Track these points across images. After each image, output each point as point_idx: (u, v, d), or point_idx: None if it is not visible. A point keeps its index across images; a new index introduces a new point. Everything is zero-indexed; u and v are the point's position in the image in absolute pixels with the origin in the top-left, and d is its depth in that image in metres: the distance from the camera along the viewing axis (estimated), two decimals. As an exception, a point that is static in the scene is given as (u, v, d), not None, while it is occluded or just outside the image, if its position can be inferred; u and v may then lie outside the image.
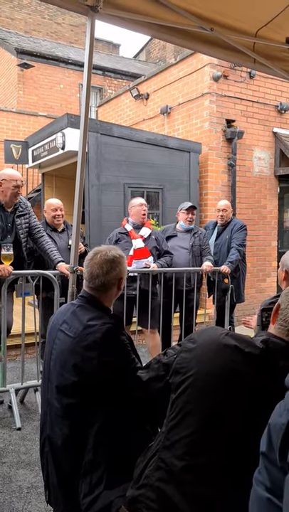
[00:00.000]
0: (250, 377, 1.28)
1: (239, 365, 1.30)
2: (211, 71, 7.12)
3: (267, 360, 1.30)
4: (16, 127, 11.11)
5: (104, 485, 1.63)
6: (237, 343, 1.34)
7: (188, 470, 1.26)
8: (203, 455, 1.26)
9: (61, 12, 17.98)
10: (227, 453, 1.24)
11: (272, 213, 8.02)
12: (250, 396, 1.26)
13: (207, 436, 1.28)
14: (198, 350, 1.40)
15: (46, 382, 1.91)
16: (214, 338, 1.40)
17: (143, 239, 4.60)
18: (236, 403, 1.26)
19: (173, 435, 1.34)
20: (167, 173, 6.87)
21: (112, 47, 19.72)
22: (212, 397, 1.31)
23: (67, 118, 6.28)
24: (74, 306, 1.94)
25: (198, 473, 1.25)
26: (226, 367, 1.32)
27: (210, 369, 1.34)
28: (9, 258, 3.71)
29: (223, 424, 1.26)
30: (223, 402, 1.28)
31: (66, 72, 13.66)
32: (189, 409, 1.33)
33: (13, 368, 4.96)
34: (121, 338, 1.80)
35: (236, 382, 1.28)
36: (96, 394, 1.72)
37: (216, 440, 1.26)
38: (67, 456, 1.76)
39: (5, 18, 17.29)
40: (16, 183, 3.82)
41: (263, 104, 7.74)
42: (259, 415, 1.22)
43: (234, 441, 1.24)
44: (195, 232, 5.07)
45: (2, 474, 2.92)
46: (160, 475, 1.32)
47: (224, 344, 1.36)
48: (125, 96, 9.52)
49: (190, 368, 1.38)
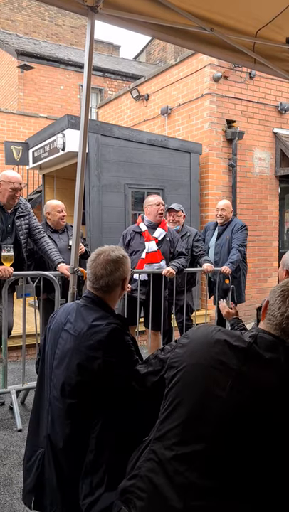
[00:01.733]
0: (236, 368, 1.33)
1: (226, 357, 1.36)
2: (211, 72, 7.12)
3: (253, 352, 1.35)
4: (16, 128, 11.12)
5: (105, 486, 1.63)
6: (227, 338, 1.41)
7: (176, 460, 1.30)
8: (191, 445, 1.30)
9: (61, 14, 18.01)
10: (215, 442, 1.27)
11: (272, 214, 8.02)
12: (235, 386, 1.30)
13: (195, 426, 1.32)
14: (191, 344, 1.48)
15: (48, 381, 1.89)
16: (206, 333, 1.47)
17: (157, 241, 4.46)
18: (222, 393, 1.31)
19: (164, 426, 1.38)
20: (168, 173, 6.87)
21: (113, 48, 19.75)
22: (199, 387, 1.36)
23: (68, 119, 6.28)
24: (78, 306, 1.93)
25: (187, 463, 1.28)
26: (213, 358, 1.38)
27: (198, 361, 1.40)
28: (10, 259, 3.71)
29: (211, 414, 1.30)
30: (210, 392, 1.33)
31: (66, 74, 13.68)
32: (179, 401, 1.38)
33: (14, 369, 4.95)
34: (125, 338, 1.80)
35: (223, 372, 1.34)
36: (99, 394, 1.72)
37: (204, 430, 1.29)
38: (68, 457, 1.75)
39: (5, 20, 17.32)
40: (14, 186, 3.80)
41: (263, 104, 7.73)
42: (245, 404, 1.27)
43: (222, 431, 1.27)
44: (183, 234, 5.06)
45: (3, 476, 2.91)
46: (150, 465, 1.36)
47: (215, 338, 1.43)
48: (125, 97, 9.52)
49: (182, 362, 1.45)
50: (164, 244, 4.51)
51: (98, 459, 1.68)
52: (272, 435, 1.24)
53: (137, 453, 1.48)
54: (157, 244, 4.47)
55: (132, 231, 4.60)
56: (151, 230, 4.51)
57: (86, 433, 1.70)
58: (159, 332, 4.66)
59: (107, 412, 1.71)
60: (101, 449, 1.69)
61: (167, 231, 4.56)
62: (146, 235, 4.47)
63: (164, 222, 4.60)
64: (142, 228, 4.53)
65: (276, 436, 1.24)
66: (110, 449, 1.69)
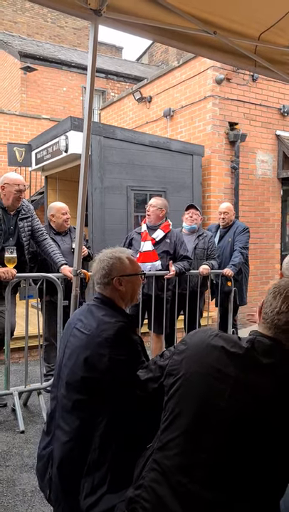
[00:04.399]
0: (234, 375, 1.30)
1: (224, 365, 1.33)
2: (214, 74, 7.13)
3: (251, 358, 1.32)
4: (19, 130, 11.15)
5: (108, 486, 1.63)
6: (224, 344, 1.38)
7: (179, 471, 1.29)
8: (193, 455, 1.28)
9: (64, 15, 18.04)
10: (216, 453, 1.25)
11: (275, 216, 8.01)
12: (234, 394, 1.28)
13: (195, 436, 1.30)
14: (188, 351, 1.45)
15: (57, 379, 1.94)
16: (203, 339, 1.44)
17: (154, 242, 4.49)
18: (221, 402, 1.28)
19: (165, 436, 1.37)
20: (170, 175, 6.88)
21: (115, 50, 19.78)
22: (199, 396, 1.34)
23: (71, 121, 6.30)
24: (90, 306, 2.01)
25: (189, 474, 1.27)
26: (211, 366, 1.35)
27: (196, 369, 1.38)
28: (13, 261, 3.71)
29: (211, 423, 1.28)
30: (209, 401, 1.31)
31: (69, 75, 13.71)
32: (179, 411, 1.36)
33: (17, 370, 4.96)
34: (133, 337, 1.84)
35: (220, 381, 1.31)
36: (104, 391, 1.73)
37: (205, 440, 1.28)
38: (72, 454, 1.76)
39: (8, 22, 17.36)
40: (19, 188, 3.82)
41: (265, 106, 7.74)
42: (245, 413, 1.25)
43: (222, 441, 1.25)
44: (200, 234, 5.04)
45: (6, 478, 2.92)
46: (153, 476, 1.35)
47: (212, 345, 1.39)
48: (128, 99, 9.54)
49: (180, 369, 1.42)
50: (161, 245, 4.52)
51: (101, 457, 1.68)
52: (273, 443, 1.22)
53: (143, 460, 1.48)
54: (155, 244, 4.50)
55: (134, 232, 4.70)
56: (151, 231, 4.57)
57: (91, 431, 1.72)
58: (162, 335, 4.66)
59: (112, 411, 1.72)
60: (105, 447, 1.69)
61: (168, 232, 4.57)
62: (144, 235, 4.54)
63: (167, 224, 4.61)
64: (142, 229, 4.61)
65: (276, 444, 1.22)
66: (114, 448, 1.69)
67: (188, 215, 5.02)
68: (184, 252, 4.60)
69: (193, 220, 5.01)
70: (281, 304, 1.35)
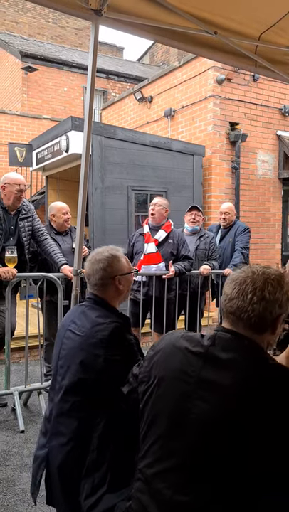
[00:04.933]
0: (197, 375, 1.27)
1: (187, 366, 1.31)
2: (215, 74, 7.14)
3: (211, 356, 1.29)
4: (20, 130, 11.16)
5: (108, 485, 1.63)
6: (187, 345, 1.35)
7: (156, 478, 1.27)
8: (165, 461, 1.26)
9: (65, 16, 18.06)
10: (188, 456, 1.23)
11: (275, 216, 8.01)
12: (199, 395, 1.25)
13: (167, 442, 1.27)
14: (156, 357, 1.42)
15: (53, 381, 1.93)
16: (169, 343, 1.42)
17: (157, 243, 4.47)
18: (188, 405, 1.26)
19: (144, 445, 1.35)
20: (171, 175, 6.88)
21: (116, 50, 19.79)
22: (168, 401, 1.31)
23: (71, 121, 6.30)
24: (82, 307, 1.99)
25: (164, 480, 1.24)
26: (176, 369, 1.32)
27: (164, 374, 1.35)
28: (13, 260, 3.72)
29: (181, 427, 1.25)
30: (178, 404, 1.28)
31: (70, 76, 13.72)
32: (152, 418, 1.34)
33: (17, 370, 4.96)
34: (128, 337, 1.83)
35: (186, 383, 1.28)
36: (101, 392, 1.73)
37: (175, 445, 1.25)
38: (70, 456, 1.76)
39: (9, 22, 17.39)
40: (19, 188, 3.82)
41: (266, 107, 7.74)
42: (211, 413, 1.21)
43: (194, 443, 1.22)
44: (201, 235, 5.04)
45: (6, 477, 2.92)
46: (138, 485, 1.34)
47: (176, 347, 1.37)
48: (129, 99, 9.55)
49: (150, 376, 1.40)
50: (165, 246, 4.51)
51: (100, 458, 1.68)
52: (242, 442, 1.17)
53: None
54: (158, 245, 4.48)
55: (137, 233, 4.68)
56: (153, 232, 4.54)
57: (89, 432, 1.71)
58: (163, 334, 4.66)
59: (109, 412, 1.71)
60: (103, 448, 1.69)
61: (170, 232, 4.56)
62: (147, 236, 4.51)
63: (168, 224, 4.60)
64: (144, 230, 4.59)
65: (246, 443, 1.17)
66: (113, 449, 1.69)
67: (190, 216, 5.00)
68: (185, 252, 4.59)
69: (195, 221, 5.01)
70: (232, 291, 1.33)
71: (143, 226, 4.67)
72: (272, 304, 1.30)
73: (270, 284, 1.31)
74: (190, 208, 5.05)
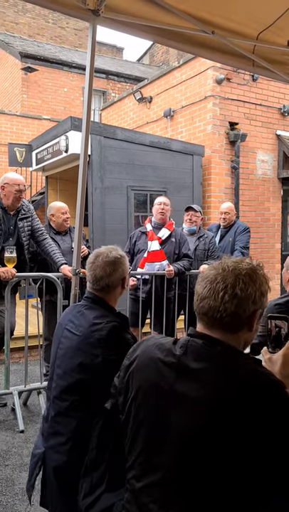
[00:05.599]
0: (168, 388, 1.21)
1: (160, 378, 1.24)
2: (214, 74, 7.14)
3: (182, 366, 1.22)
4: (20, 130, 11.17)
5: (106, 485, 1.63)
6: (159, 355, 1.29)
7: (142, 491, 1.24)
8: (149, 476, 1.22)
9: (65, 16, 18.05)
10: (169, 471, 1.18)
11: (275, 216, 8.01)
12: (172, 408, 1.19)
13: (150, 456, 1.23)
14: (132, 367, 1.36)
15: (50, 381, 1.93)
16: (143, 352, 1.36)
17: (160, 241, 4.50)
18: (163, 418, 1.21)
19: (130, 457, 1.31)
20: (170, 175, 6.88)
21: (116, 50, 19.80)
22: (146, 414, 1.26)
23: (71, 121, 6.31)
24: (80, 307, 1.97)
25: (149, 494, 1.21)
26: (150, 381, 1.27)
27: (140, 385, 1.30)
28: (12, 260, 3.72)
29: (159, 442, 1.21)
30: (154, 418, 1.23)
31: (70, 76, 13.73)
32: (134, 432, 1.29)
33: (17, 370, 4.97)
34: (126, 336, 1.82)
35: (159, 396, 1.23)
36: (99, 392, 1.73)
37: (158, 460, 1.21)
38: (69, 455, 1.76)
39: (9, 22, 17.41)
40: (19, 188, 3.83)
41: (266, 106, 7.74)
42: (186, 427, 1.16)
43: (173, 458, 1.18)
44: (200, 235, 5.04)
45: (5, 477, 2.93)
46: (127, 496, 1.31)
47: (149, 357, 1.32)
48: (129, 99, 9.55)
49: (128, 387, 1.35)
50: (168, 245, 4.54)
51: (99, 457, 1.68)
52: (218, 455, 1.12)
53: None
54: (161, 244, 4.50)
55: (139, 231, 4.70)
56: (156, 230, 4.57)
57: (88, 431, 1.71)
58: (162, 333, 4.66)
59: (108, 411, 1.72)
60: (102, 448, 1.69)
61: (172, 231, 4.59)
62: (150, 234, 4.53)
63: (171, 223, 4.63)
64: (147, 228, 4.61)
65: (222, 456, 1.11)
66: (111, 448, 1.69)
67: (187, 217, 5.03)
68: (185, 250, 4.62)
69: (192, 222, 5.01)
70: (203, 290, 1.26)
71: (145, 225, 4.68)
72: (245, 300, 1.23)
73: (241, 281, 1.24)
74: (186, 208, 5.06)
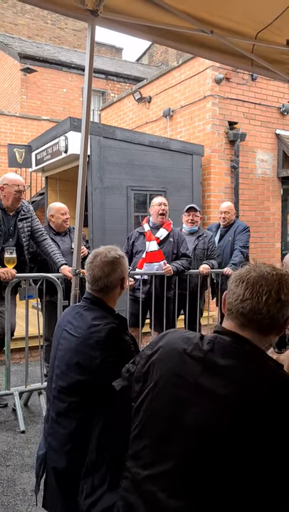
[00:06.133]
0: (193, 381, 1.23)
1: (184, 371, 1.26)
2: (213, 73, 7.14)
3: (209, 362, 1.25)
4: (19, 131, 11.17)
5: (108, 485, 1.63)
6: (185, 347, 1.31)
7: (148, 480, 1.25)
8: (159, 465, 1.24)
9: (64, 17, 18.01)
10: (181, 462, 1.20)
11: (275, 215, 8.01)
12: (194, 401, 1.21)
13: (162, 446, 1.25)
14: (154, 357, 1.38)
15: (50, 382, 1.93)
16: (168, 343, 1.38)
17: (158, 241, 4.49)
18: (182, 410, 1.22)
19: (135, 445, 1.33)
20: (170, 175, 6.88)
21: (115, 51, 19.80)
22: (163, 405, 1.28)
23: (70, 122, 6.31)
24: (78, 308, 1.96)
25: (157, 483, 1.23)
26: (172, 372, 1.29)
27: (161, 376, 1.32)
28: (12, 261, 3.72)
29: (175, 432, 1.23)
30: (172, 409, 1.25)
31: (69, 77, 13.73)
32: (146, 420, 1.31)
33: (17, 371, 4.97)
34: (124, 338, 1.82)
35: (181, 388, 1.25)
36: (99, 393, 1.73)
37: (170, 450, 1.23)
38: (69, 456, 1.76)
39: (8, 24, 17.41)
40: (18, 188, 3.84)
41: (265, 106, 7.74)
42: (206, 420, 1.18)
43: (187, 450, 1.20)
44: (200, 235, 5.04)
45: (6, 477, 2.93)
46: (126, 484, 1.33)
47: (174, 348, 1.33)
48: (128, 99, 9.55)
49: (147, 376, 1.37)
50: (166, 245, 4.53)
51: (99, 458, 1.68)
52: (236, 452, 1.14)
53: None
54: (159, 244, 4.49)
55: (137, 232, 4.69)
56: (154, 231, 4.56)
57: (87, 432, 1.71)
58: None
59: (108, 412, 1.71)
60: (102, 449, 1.69)
61: (171, 231, 4.58)
62: (148, 234, 4.52)
63: (169, 223, 4.62)
64: (145, 229, 4.60)
65: (240, 453, 1.14)
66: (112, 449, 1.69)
67: (188, 217, 5.01)
68: (183, 250, 4.62)
69: (194, 222, 5.01)
70: (244, 291, 1.28)
71: (143, 225, 4.68)
72: (286, 306, 1.28)
73: (285, 286, 1.28)
74: (188, 209, 5.05)
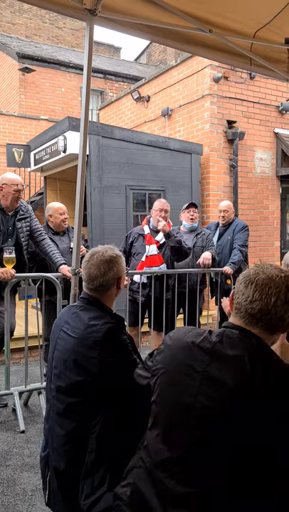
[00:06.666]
0: (201, 370, 1.30)
1: (193, 360, 1.33)
2: (212, 72, 7.14)
3: (218, 352, 1.31)
4: (18, 131, 11.16)
5: (108, 485, 1.63)
6: (194, 339, 1.38)
7: (158, 467, 1.31)
8: (169, 452, 1.30)
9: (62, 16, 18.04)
10: (189, 449, 1.26)
11: (274, 214, 8.01)
12: (202, 389, 1.27)
13: (171, 434, 1.31)
14: (166, 351, 1.46)
15: (48, 382, 1.93)
16: (178, 337, 1.45)
17: (158, 245, 4.46)
18: (190, 399, 1.28)
19: (149, 435, 1.39)
20: (169, 174, 6.88)
21: (113, 50, 19.78)
22: (171, 394, 1.35)
23: (69, 121, 6.30)
24: (75, 308, 1.95)
25: (166, 470, 1.29)
26: (182, 363, 1.36)
27: (171, 367, 1.39)
28: (11, 261, 3.72)
29: (183, 420, 1.29)
30: (181, 397, 1.31)
31: (67, 76, 13.71)
32: (158, 410, 1.38)
33: (17, 370, 4.97)
34: (122, 338, 1.81)
35: (190, 377, 1.31)
36: (98, 394, 1.72)
37: (179, 438, 1.29)
38: (68, 457, 1.76)
39: (6, 23, 17.38)
40: (17, 188, 3.84)
41: (263, 104, 7.74)
42: (214, 408, 1.24)
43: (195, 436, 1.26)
44: (198, 232, 5.04)
45: (6, 477, 2.93)
46: (137, 472, 1.38)
47: (184, 341, 1.41)
48: (126, 99, 9.55)
49: (159, 369, 1.44)
50: (166, 248, 4.51)
51: (99, 459, 1.68)
52: (242, 439, 1.20)
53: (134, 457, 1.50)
54: (159, 248, 4.47)
55: (136, 233, 4.65)
56: (154, 233, 4.53)
57: (86, 433, 1.71)
58: (162, 333, 4.66)
59: (107, 412, 1.71)
60: (102, 449, 1.69)
61: None
62: (148, 237, 4.50)
63: (169, 226, 4.59)
64: (145, 231, 4.56)
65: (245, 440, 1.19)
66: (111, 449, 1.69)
67: (188, 213, 5.00)
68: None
69: (194, 219, 5.01)
70: (253, 293, 1.34)
71: (142, 226, 4.65)
72: None
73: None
74: (188, 206, 5.04)
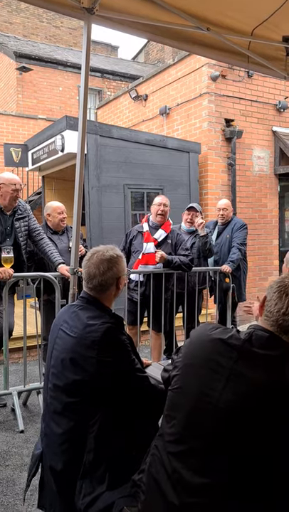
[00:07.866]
0: (229, 366, 1.33)
1: (219, 356, 1.36)
2: (209, 71, 7.13)
3: (246, 350, 1.34)
4: (15, 130, 11.13)
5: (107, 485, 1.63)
6: (221, 336, 1.41)
7: (174, 457, 1.34)
8: (187, 443, 1.32)
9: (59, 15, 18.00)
10: (209, 442, 1.28)
11: (272, 212, 8.02)
12: (228, 385, 1.30)
13: (191, 425, 1.34)
14: (190, 346, 1.49)
15: (46, 381, 1.92)
16: (203, 332, 1.48)
17: (156, 243, 4.43)
18: (214, 393, 1.31)
19: (165, 424, 1.42)
20: (167, 173, 6.87)
21: (111, 49, 19.76)
22: (194, 387, 1.37)
23: (66, 120, 6.29)
24: (74, 307, 1.95)
25: (183, 460, 1.32)
26: (206, 358, 1.39)
27: (194, 361, 1.42)
28: (10, 261, 3.71)
29: (205, 413, 1.31)
30: (203, 392, 1.34)
31: (65, 75, 13.68)
32: (177, 401, 1.41)
33: (16, 370, 4.96)
34: (121, 337, 1.81)
35: (216, 372, 1.34)
36: (96, 393, 1.72)
37: (199, 429, 1.31)
38: (65, 457, 1.75)
39: (3, 23, 17.34)
40: (15, 187, 3.83)
41: (261, 103, 7.74)
42: (238, 403, 1.27)
43: (216, 430, 1.28)
44: (197, 233, 5.02)
45: (5, 477, 2.92)
46: (153, 461, 1.41)
47: (211, 337, 1.43)
48: (124, 97, 9.53)
49: (182, 362, 1.47)
50: (163, 247, 4.47)
51: (97, 458, 1.68)
52: (265, 434, 1.23)
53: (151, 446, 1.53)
54: (157, 246, 4.44)
55: (136, 230, 4.62)
56: (153, 231, 4.50)
57: (84, 433, 1.71)
58: (161, 332, 4.66)
59: (105, 412, 1.71)
60: (100, 449, 1.69)
61: (169, 233, 4.53)
62: (146, 235, 4.47)
63: (168, 224, 4.56)
64: (144, 228, 4.54)
65: (268, 435, 1.23)
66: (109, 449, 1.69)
67: (188, 216, 4.97)
68: (182, 251, 4.53)
69: (192, 222, 4.95)
70: (288, 306, 1.36)
71: (142, 224, 4.63)
72: None
73: None
74: (188, 208, 5.02)
